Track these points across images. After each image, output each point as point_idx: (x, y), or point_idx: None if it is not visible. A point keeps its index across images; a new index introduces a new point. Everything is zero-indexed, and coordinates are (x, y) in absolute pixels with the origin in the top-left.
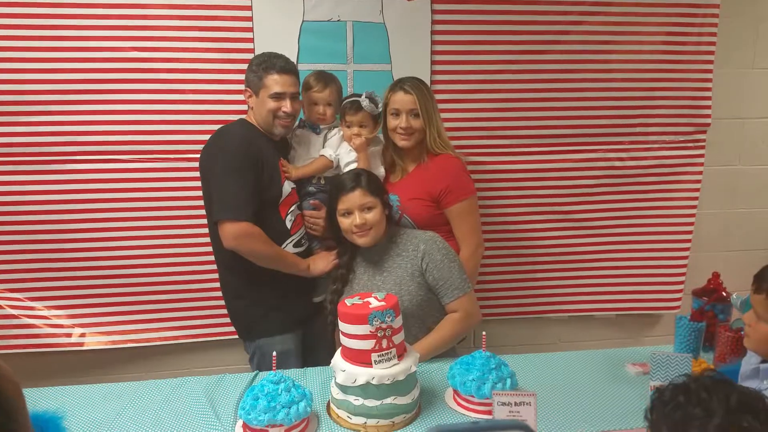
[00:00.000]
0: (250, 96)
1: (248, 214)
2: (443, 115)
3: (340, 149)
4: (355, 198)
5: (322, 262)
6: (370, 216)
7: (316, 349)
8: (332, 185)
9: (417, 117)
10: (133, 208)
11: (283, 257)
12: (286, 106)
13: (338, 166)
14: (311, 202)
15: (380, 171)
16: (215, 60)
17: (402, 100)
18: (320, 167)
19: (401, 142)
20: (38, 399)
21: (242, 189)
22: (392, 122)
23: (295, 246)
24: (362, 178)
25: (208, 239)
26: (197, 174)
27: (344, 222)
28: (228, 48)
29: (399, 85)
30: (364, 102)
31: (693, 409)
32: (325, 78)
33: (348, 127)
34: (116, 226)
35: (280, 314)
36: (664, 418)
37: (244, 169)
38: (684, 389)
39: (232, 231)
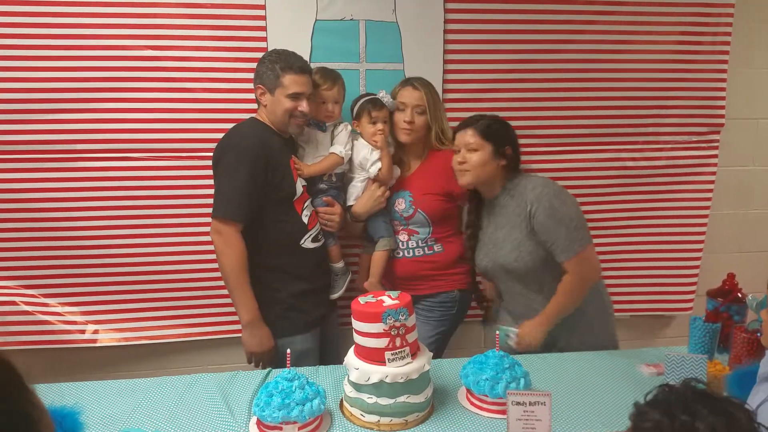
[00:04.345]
0: (263, 93)
1: (239, 214)
2: (456, 114)
3: (360, 149)
4: (465, 136)
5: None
6: (474, 157)
7: (330, 346)
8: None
9: (421, 114)
10: (147, 206)
11: (240, 283)
12: (303, 105)
13: (350, 162)
14: (324, 198)
15: (396, 171)
16: (228, 59)
17: (410, 95)
18: (332, 164)
19: (403, 137)
20: (54, 394)
21: (237, 188)
22: (397, 116)
23: (313, 241)
24: (485, 120)
25: None
26: (210, 172)
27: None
28: (241, 47)
29: (409, 81)
30: (386, 98)
31: None
32: (332, 75)
33: (374, 123)
34: (130, 224)
35: (299, 314)
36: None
37: (243, 169)
38: (665, 409)
39: (216, 227)
